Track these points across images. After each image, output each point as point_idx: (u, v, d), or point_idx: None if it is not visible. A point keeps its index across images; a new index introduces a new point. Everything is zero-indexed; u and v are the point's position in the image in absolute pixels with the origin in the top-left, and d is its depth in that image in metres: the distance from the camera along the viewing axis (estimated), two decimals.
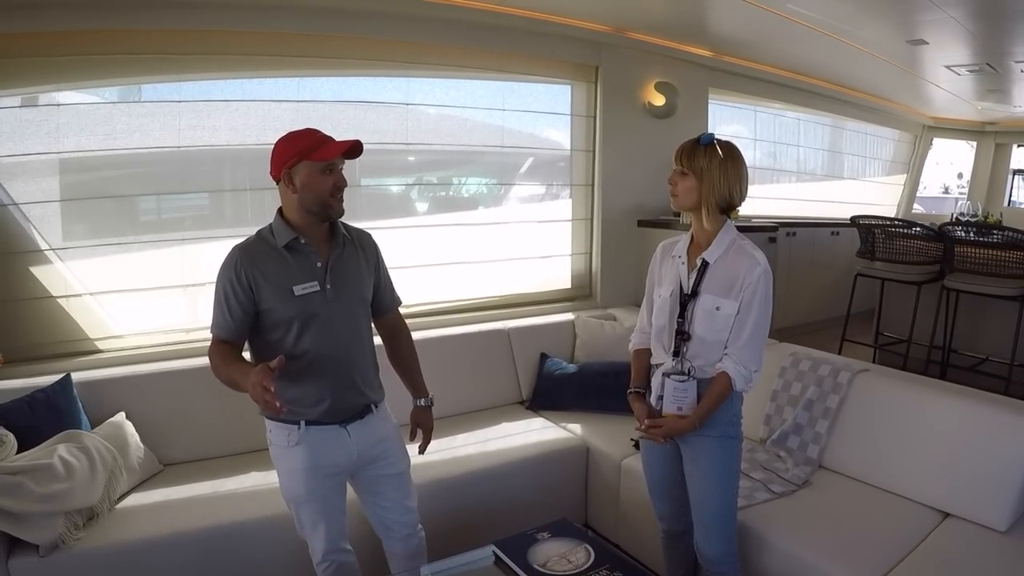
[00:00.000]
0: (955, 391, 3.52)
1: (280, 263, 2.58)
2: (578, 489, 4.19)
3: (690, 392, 2.69)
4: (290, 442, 2.65)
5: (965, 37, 5.79)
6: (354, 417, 2.74)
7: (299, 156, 2.53)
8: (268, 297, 2.54)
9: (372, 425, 2.80)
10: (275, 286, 2.55)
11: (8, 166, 3.80)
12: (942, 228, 6.02)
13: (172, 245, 4.32)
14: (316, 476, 2.68)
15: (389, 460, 2.88)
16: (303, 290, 2.57)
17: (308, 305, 2.58)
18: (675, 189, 2.73)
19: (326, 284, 2.63)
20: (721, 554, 2.81)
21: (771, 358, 2.95)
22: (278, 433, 2.67)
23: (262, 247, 2.61)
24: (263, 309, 2.56)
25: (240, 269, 2.53)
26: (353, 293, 2.74)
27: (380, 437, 2.84)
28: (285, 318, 2.56)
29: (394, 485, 2.92)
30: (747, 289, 2.63)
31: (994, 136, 11.16)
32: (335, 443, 2.70)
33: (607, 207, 5.88)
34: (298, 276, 2.59)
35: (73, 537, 2.92)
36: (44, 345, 3.97)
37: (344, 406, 2.71)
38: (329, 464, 2.70)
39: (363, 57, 4.77)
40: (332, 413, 2.67)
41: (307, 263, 2.62)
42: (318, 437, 2.66)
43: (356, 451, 2.75)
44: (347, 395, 2.71)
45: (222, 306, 2.55)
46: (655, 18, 5.59)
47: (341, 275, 2.68)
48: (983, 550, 2.90)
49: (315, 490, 2.69)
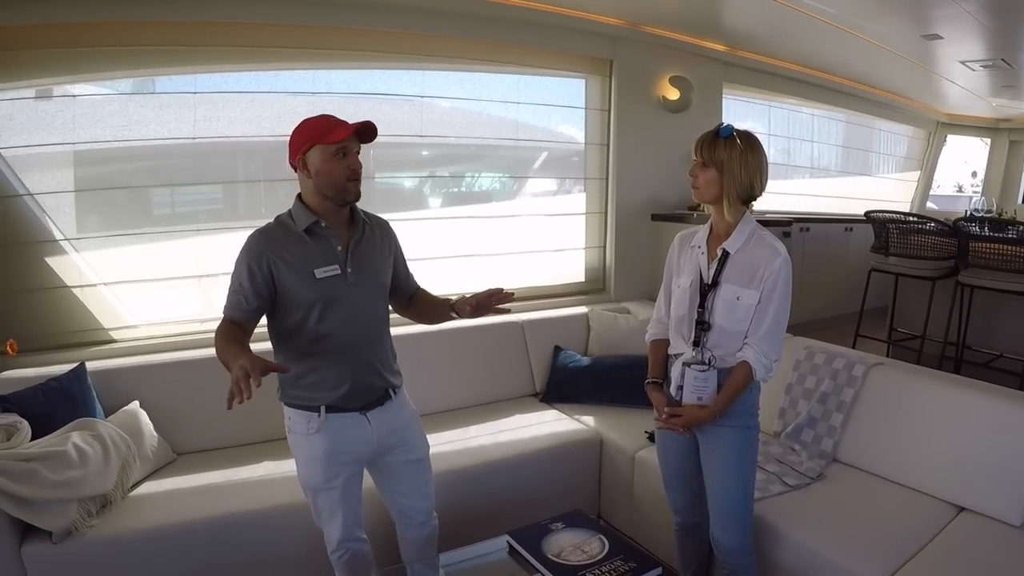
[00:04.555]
0: (970, 385, 3.49)
1: (301, 246, 2.58)
2: (591, 481, 4.18)
3: (710, 382, 2.68)
4: (310, 429, 2.65)
5: (980, 32, 5.75)
6: (373, 404, 2.74)
7: (311, 141, 2.55)
8: (288, 280, 2.55)
9: (391, 411, 2.80)
10: (296, 269, 2.55)
11: (24, 157, 3.82)
12: (956, 224, 5.99)
13: (186, 236, 4.33)
14: (335, 464, 2.68)
15: (408, 446, 2.89)
16: (324, 273, 2.58)
17: (329, 288, 2.59)
18: (696, 181, 2.71)
19: (347, 268, 2.63)
20: (737, 545, 2.80)
21: (786, 352, 2.93)
22: (298, 420, 2.67)
23: (281, 232, 2.61)
24: (283, 291, 2.56)
25: (259, 253, 2.54)
26: (373, 278, 2.75)
27: (399, 423, 2.84)
28: (306, 301, 2.56)
29: (413, 472, 2.92)
30: (768, 279, 2.62)
31: (1008, 133, 11.11)
32: (355, 431, 2.70)
33: (621, 201, 5.87)
34: (319, 259, 2.59)
35: (86, 524, 2.93)
36: (59, 334, 3.99)
37: (364, 390, 2.71)
38: (349, 452, 2.71)
39: (378, 50, 4.76)
40: (352, 398, 2.67)
41: (327, 247, 2.62)
42: (338, 425, 2.66)
43: (376, 438, 2.75)
44: (367, 378, 2.72)
45: (237, 288, 2.55)
46: (670, 12, 5.58)
47: (361, 260, 2.69)
48: (998, 544, 2.88)
49: (334, 478, 2.69)
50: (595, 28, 5.45)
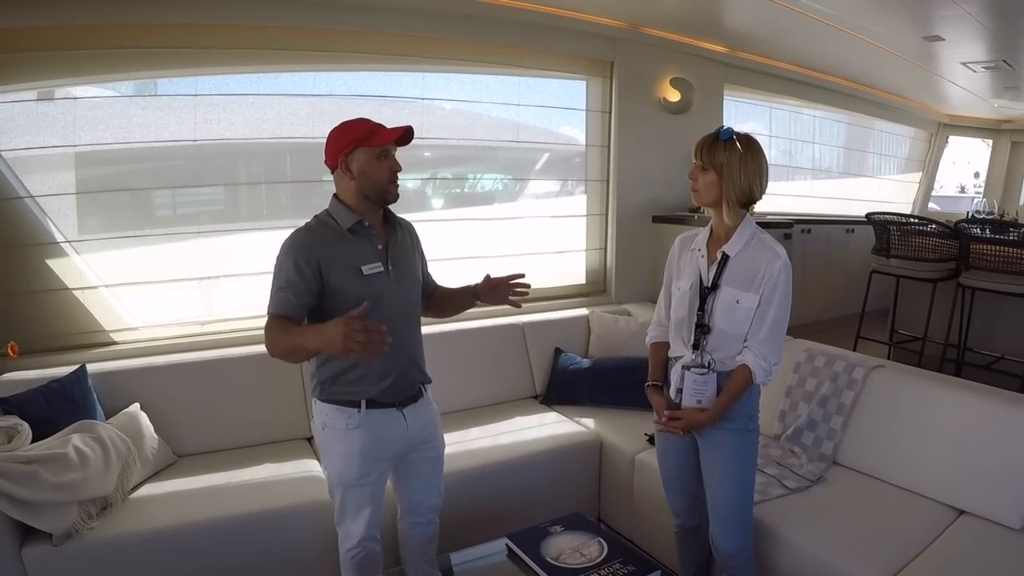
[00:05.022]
0: (970, 388, 3.50)
1: (346, 244, 2.66)
2: (591, 484, 4.18)
3: (710, 385, 2.68)
4: (349, 425, 2.69)
5: (981, 33, 5.75)
6: (408, 400, 2.81)
7: (355, 143, 2.62)
8: (337, 277, 2.60)
9: (422, 408, 2.89)
10: (343, 266, 2.62)
11: (25, 159, 3.82)
12: (958, 225, 5.99)
13: (187, 238, 4.33)
14: (371, 460, 2.72)
15: (431, 444, 2.96)
16: (370, 270, 2.66)
17: (375, 285, 2.66)
18: (695, 184, 2.72)
19: (388, 265, 2.72)
20: (737, 548, 2.80)
21: (786, 354, 2.93)
22: (336, 416, 2.70)
23: (325, 230, 2.68)
24: (331, 289, 2.60)
25: (307, 250, 2.59)
26: (409, 275, 2.84)
27: (428, 420, 2.93)
28: (354, 296, 2.59)
29: (431, 468, 2.99)
30: (768, 282, 2.62)
31: (1010, 134, 11.10)
32: (392, 426, 2.76)
33: (622, 203, 5.87)
34: (364, 257, 2.67)
35: (86, 526, 2.93)
36: (59, 336, 3.99)
37: (405, 383, 2.79)
38: (385, 448, 2.76)
39: (378, 52, 4.76)
40: (393, 391, 2.74)
41: (370, 245, 2.71)
42: (377, 420, 2.72)
43: (410, 434, 2.81)
44: (408, 372, 2.80)
45: (284, 285, 2.57)
46: (670, 14, 5.58)
47: (398, 258, 2.78)
48: (997, 547, 2.88)
49: (368, 474, 2.73)
50: (595, 30, 5.45)
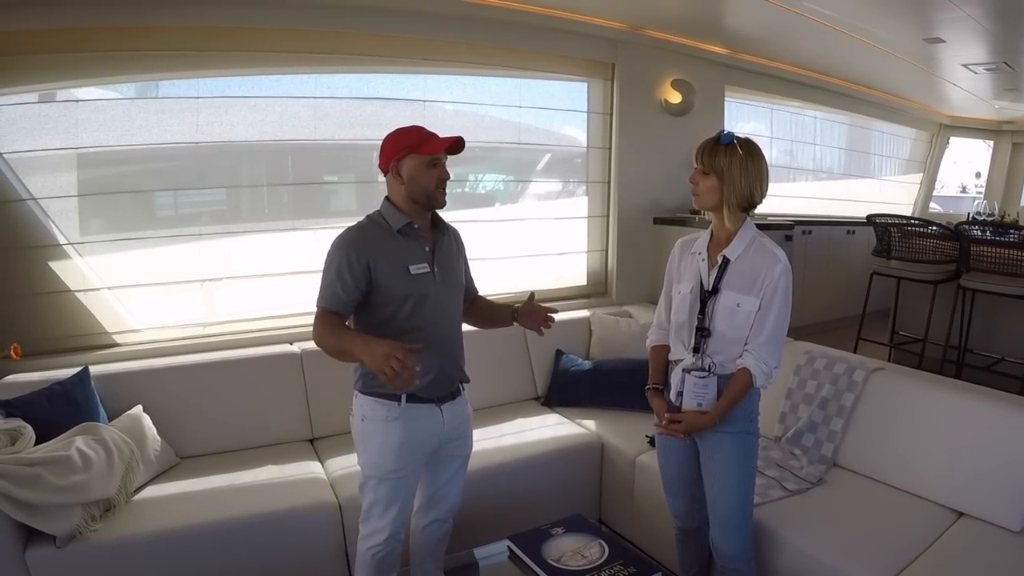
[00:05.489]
0: (970, 390, 3.51)
1: (395, 244, 2.73)
2: (592, 485, 4.19)
3: (710, 388, 2.69)
4: (389, 417, 2.73)
5: (982, 35, 5.75)
6: (446, 398, 2.87)
7: (407, 150, 2.71)
8: (385, 275, 2.66)
9: (459, 406, 2.95)
10: (392, 265, 2.68)
11: (27, 161, 3.83)
12: (958, 227, 6.00)
13: (189, 240, 4.34)
14: (407, 453, 2.76)
15: (462, 441, 3.03)
16: (417, 270, 2.73)
17: (421, 284, 2.73)
18: (696, 188, 2.73)
19: (434, 267, 2.79)
20: (737, 551, 2.81)
21: (786, 356, 2.94)
22: (375, 408, 2.74)
23: (376, 229, 2.75)
24: (378, 286, 2.67)
25: (359, 248, 2.66)
26: (454, 278, 2.92)
27: (463, 418, 3.00)
28: (400, 295, 2.69)
29: (458, 465, 3.04)
30: (768, 286, 2.63)
31: (1011, 135, 11.08)
32: (429, 421, 2.81)
33: (623, 204, 5.87)
34: (412, 257, 2.74)
35: (90, 528, 2.94)
36: (62, 338, 4.00)
37: (445, 381, 2.85)
38: (422, 442, 2.80)
39: (380, 54, 4.77)
40: (434, 387, 2.79)
41: (417, 247, 2.78)
42: (416, 414, 2.76)
43: (445, 430, 2.86)
44: (449, 370, 2.87)
45: (336, 280, 2.63)
46: (671, 15, 5.58)
47: (444, 261, 2.85)
48: (997, 550, 2.88)
49: (403, 467, 2.76)
50: (596, 32, 5.45)
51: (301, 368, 4.10)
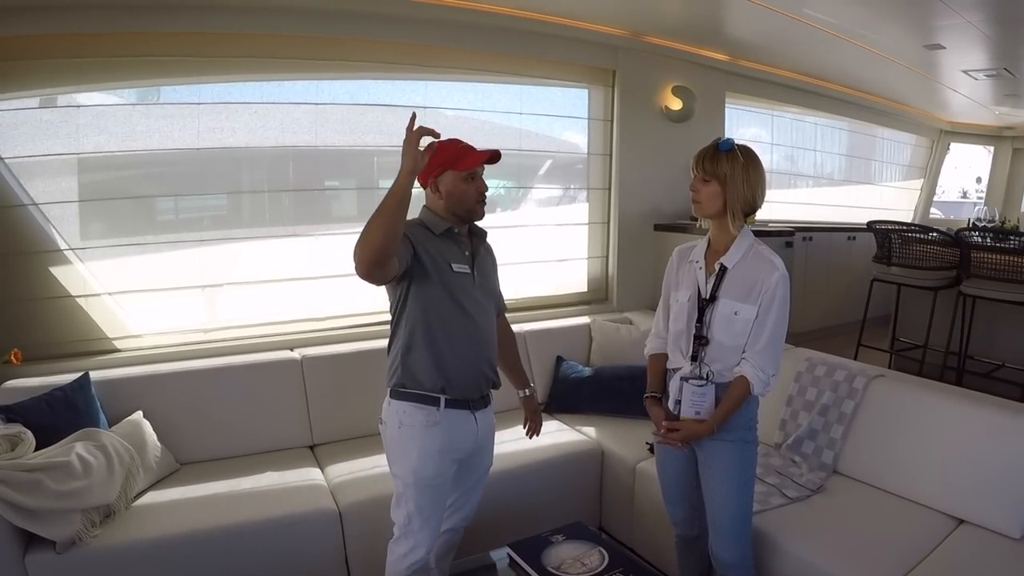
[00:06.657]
0: (971, 397, 3.50)
1: (439, 242, 2.75)
2: (593, 492, 4.18)
3: (708, 396, 2.68)
4: (429, 422, 2.72)
5: (982, 42, 5.77)
6: (479, 403, 2.87)
7: (443, 166, 2.74)
8: (428, 264, 2.68)
9: (488, 414, 2.96)
10: (435, 258, 2.70)
11: (28, 166, 3.83)
12: (959, 233, 6.01)
13: (190, 246, 4.35)
14: (447, 459, 2.77)
15: (487, 449, 3.05)
16: (459, 268, 2.76)
17: (462, 283, 2.77)
18: (698, 196, 2.71)
19: (474, 271, 2.83)
20: (736, 559, 2.80)
21: (786, 363, 2.95)
22: (415, 414, 2.73)
23: (422, 227, 2.77)
24: (423, 269, 2.67)
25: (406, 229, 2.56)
26: (489, 286, 2.97)
27: (490, 427, 3.01)
28: (442, 282, 2.71)
29: (478, 478, 3.05)
30: (766, 294, 2.63)
31: (1011, 141, 11.10)
32: (466, 426, 2.82)
33: (624, 211, 5.88)
34: (454, 256, 2.77)
35: (90, 534, 2.94)
36: (62, 344, 4.00)
37: (481, 380, 2.85)
38: (459, 448, 2.81)
39: (381, 60, 4.78)
40: (470, 389, 2.80)
41: (458, 249, 2.81)
42: (454, 420, 2.77)
43: (478, 436, 2.87)
44: (486, 372, 2.87)
45: None
46: (672, 22, 5.59)
47: (483, 268, 2.90)
48: (997, 557, 2.87)
49: (443, 473, 2.77)
50: (597, 38, 5.46)
51: (302, 374, 4.10)
